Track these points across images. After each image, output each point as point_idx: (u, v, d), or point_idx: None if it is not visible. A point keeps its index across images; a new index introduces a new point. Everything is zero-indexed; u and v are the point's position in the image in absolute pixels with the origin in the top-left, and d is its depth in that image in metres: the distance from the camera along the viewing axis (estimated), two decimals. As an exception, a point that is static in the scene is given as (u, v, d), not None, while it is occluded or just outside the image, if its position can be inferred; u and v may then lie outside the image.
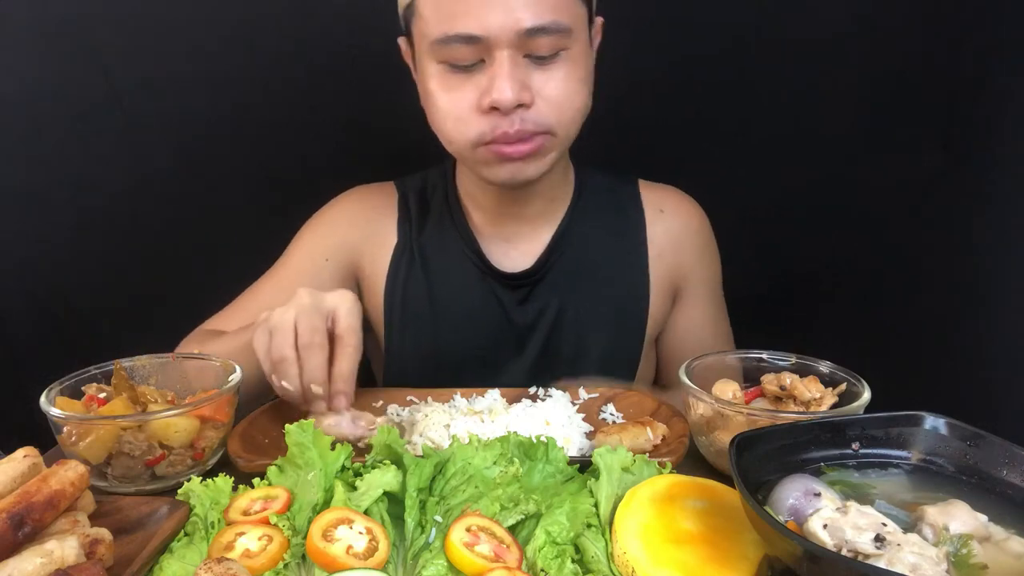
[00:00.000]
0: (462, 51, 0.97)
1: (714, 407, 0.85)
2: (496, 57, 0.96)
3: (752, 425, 0.82)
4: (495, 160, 1.04)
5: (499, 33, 0.95)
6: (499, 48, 0.96)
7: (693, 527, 0.68)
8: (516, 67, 0.97)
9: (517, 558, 0.67)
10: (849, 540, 0.57)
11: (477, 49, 0.97)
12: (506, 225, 1.22)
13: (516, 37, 0.95)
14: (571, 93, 1.02)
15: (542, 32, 0.96)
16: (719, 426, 0.85)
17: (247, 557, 0.67)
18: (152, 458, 0.84)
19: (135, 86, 1.61)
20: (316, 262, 1.23)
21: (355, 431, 0.90)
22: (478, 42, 0.96)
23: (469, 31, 0.95)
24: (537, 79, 0.99)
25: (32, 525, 0.65)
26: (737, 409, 0.83)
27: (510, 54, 0.96)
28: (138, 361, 0.98)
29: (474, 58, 0.98)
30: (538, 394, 1.06)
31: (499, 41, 0.95)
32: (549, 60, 0.99)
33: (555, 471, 0.79)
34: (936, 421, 0.70)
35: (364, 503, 0.72)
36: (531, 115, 1.00)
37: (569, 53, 1.00)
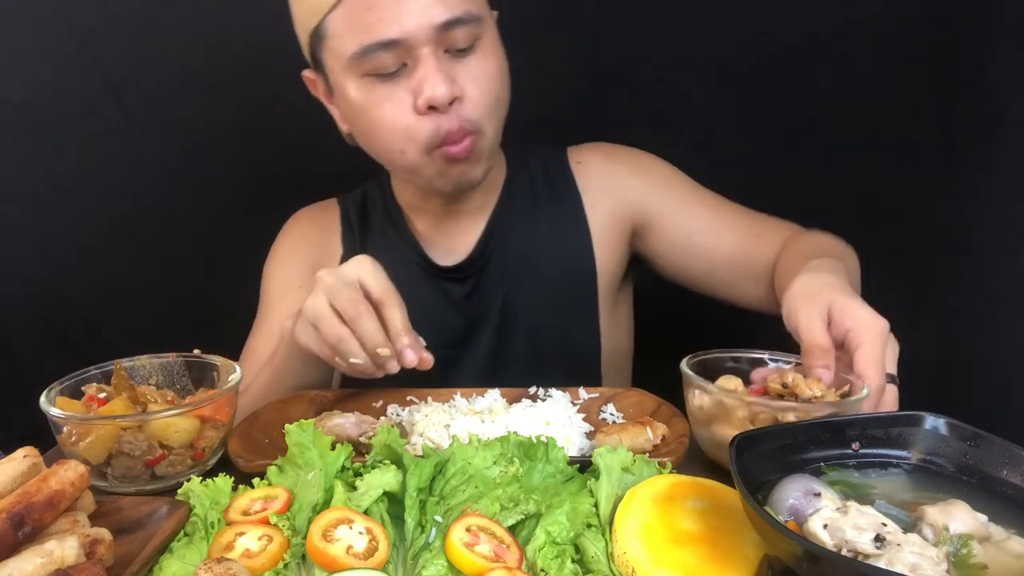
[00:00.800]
0: (384, 58, 0.98)
1: (715, 396, 0.85)
2: (419, 57, 0.98)
3: (754, 419, 0.82)
4: (444, 166, 1.05)
5: (417, 32, 0.96)
6: (420, 47, 0.97)
7: (693, 527, 0.68)
8: (441, 62, 0.99)
9: (517, 558, 0.67)
10: (849, 540, 0.57)
11: (398, 53, 0.98)
12: (446, 223, 1.23)
13: (434, 33, 0.97)
14: (493, 82, 1.04)
15: (457, 23, 0.98)
16: (719, 418, 0.85)
17: (247, 557, 0.66)
18: (152, 458, 0.84)
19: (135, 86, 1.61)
20: (292, 293, 1.24)
21: (357, 431, 0.91)
22: (398, 46, 0.97)
23: (387, 36, 0.96)
24: (460, 74, 1.01)
25: (32, 525, 0.65)
26: (739, 398, 0.83)
27: (432, 50, 0.98)
28: (138, 361, 0.98)
29: (397, 63, 0.99)
30: (538, 394, 1.06)
31: (418, 40, 0.96)
32: (468, 52, 1.01)
33: (555, 471, 0.79)
34: (936, 421, 0.70)
35: (364, 503, 0.72)
36: (463, 111, 1.01)
37: (484, 43, 1.02)
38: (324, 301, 0.91)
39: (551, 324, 1.22)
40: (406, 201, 1.26)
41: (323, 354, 0.93)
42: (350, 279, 0.92)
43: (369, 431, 0.91)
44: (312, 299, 0.92)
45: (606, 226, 1.24)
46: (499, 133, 1.10)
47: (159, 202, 1.67)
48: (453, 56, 1.00)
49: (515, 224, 1.23)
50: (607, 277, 1.25)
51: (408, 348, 0.91)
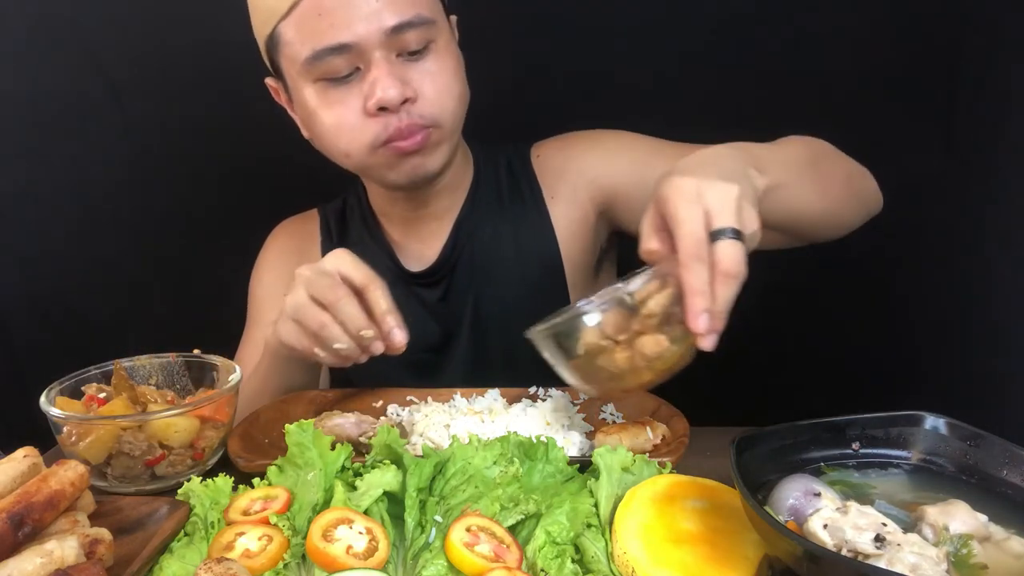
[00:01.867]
0: (336, 63, 0.99)
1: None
2: (371, 60, 0.98)
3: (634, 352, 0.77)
4: (394, 159, 1.05)
5: (367, 36, 0.97)
6: (371, 51, 0.98)
7: (693, 527, 0.68)
8: (393, 65, 0.99)
9: (517, 558, 0.67)
10: (849, 540, 0.57)
11: (350, 58, 0.98)
12: (417, 227, 1.23)
13: (384, 37, 0.97)
14: (448, 82, 1.04)
15: (408, 27, 0.98)
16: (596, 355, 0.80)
17: (247, 557, 0.67)
18: (152, 458, 0.84)
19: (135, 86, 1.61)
20: (275, 302, 1.21)
21: (357, 431, 0.91)
22: (349, 50, 0.97)
23: (339, 40, 0.97)
24: (414, 75, 1.01)
25: (32, 525, 0.65)
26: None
27: (383, 54, 0.98)
28: (138, 361, 0.98)
29: (349, 67, 0.99)
30: (538, 394, 1.06)
31: (369, 44, 0.97)
32: (421, 55, 1.02)
33: (555, 471, 0.79)
34: (936, 421, 0.70)
35: (364, 503, 0.72)
36: (416, 109, 1.02)
37: (437, 45, 1.03)
38: (303, 293, 0.91)
39: (522, 325, 1.20)
40: (378, 207, 1.26)
41: (304, 347, 0.92)
42: (329, 270, 0.92)
43: (369, 431, 0.91)
44: (291, 294, 0.92)
45: (569, 216, 1.23)
46: (458, 127, 1.10)
47: (159, 202, 1.67)
48: (406, 59, 1.01)
49: (480, 225, 1.23)
50: (576, 269, 1.24)
51: (395, 328, 0.91)
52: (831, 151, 1.05)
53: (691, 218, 0.72)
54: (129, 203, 1.67)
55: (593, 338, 0.78)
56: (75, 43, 1.57)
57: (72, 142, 1.62)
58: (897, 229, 1.58)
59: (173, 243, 1.69)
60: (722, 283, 0.72)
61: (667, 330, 0.75)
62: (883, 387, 1.54)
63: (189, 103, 1.62)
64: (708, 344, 0.73)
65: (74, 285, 1.70)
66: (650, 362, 0.77)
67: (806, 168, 0.97)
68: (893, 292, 1.60)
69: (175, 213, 1.68)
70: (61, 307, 1.72)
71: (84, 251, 1.69)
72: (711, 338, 0.73)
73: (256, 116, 1.63)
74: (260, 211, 1.37)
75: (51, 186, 1.65)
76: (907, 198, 1.59)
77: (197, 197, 1.66)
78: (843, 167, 1.06)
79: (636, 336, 0.76)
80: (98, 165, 1.65)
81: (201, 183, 1.67)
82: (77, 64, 1.58)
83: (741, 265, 0.72)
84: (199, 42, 1.59)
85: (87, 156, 1.64)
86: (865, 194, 1.08)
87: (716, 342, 0.74)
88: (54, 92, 1.59)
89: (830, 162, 1.04)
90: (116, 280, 1.70)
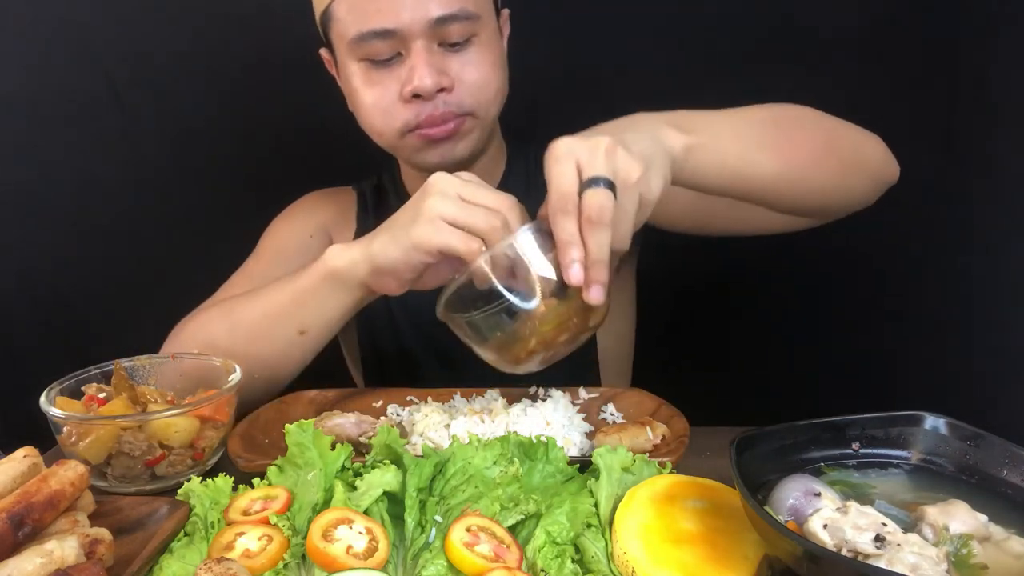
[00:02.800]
0: (378, 46, 1.02)
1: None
2: (412, 48, 1.02)
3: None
4: (423, 145, 1.08)
5: (411, 25, 1.00)
6: (413, 39, 1.01)
7: (693, 527, 0.68)
8: (432, 55, 1.02)
9: (517, 558, 0.67)
10: (849, 540, 0.57)
11: (393, 43, 1.02)
12: None
13: (427, 27, 1.00)
14: (486, 76, 1.07)
15: (452, 20, 1.01)
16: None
17: (247, 557, 0.67)
18: (152, 458, 0.84)
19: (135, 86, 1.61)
20: (302, 239, 1.26)
21: (357, 431, 0.91)
22: (393, 36, 1.01)
23: (383, 26, 1.00)
24: (453, 65, 1.04)
25: (32, 525, 0.65)
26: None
27: (424, 43, 1.01)
28: (138, 361, 0.98)
29: (391, 52, 1.03)
30: (538, 394, 1.06)
31: (412, 32, 1.00)
32: (462, 46, 1.04)
33: (555, 471, 0.79)
34: (936, 421, 0.70)
35: (364, 503, 0.72)
36: (452, 99, 1.05)
37: (479, 39, 1.06)
38: (453, 196, 0.85)
39: None
40: (412, 187, 1.27)
41: (448, 244, 0.82)
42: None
43: (369, 431, 0.91)
44: (435, 198, 0.85)
45: None
46: (493, 118, 1.12)
47: (159, 202, 1.67)
48: (447, 50, 1.04)
49: None
50: None
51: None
52: (808, 115, 1.00)
53: (559, 174, 0.74)
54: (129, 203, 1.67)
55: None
56: (75, 43, 1.57)
57: (72, 142, 1.62)
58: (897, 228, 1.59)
59: (173, 243, 1.69)
60: (589, 231, 0.73)
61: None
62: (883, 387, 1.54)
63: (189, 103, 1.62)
64: (595, 296, 0.74)
65: (74, 286, 1.70)
66: (539, 325, 0.78)
67: (760, 128, 0.94)
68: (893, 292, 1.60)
69: (175, 213, 1.68)
70: (61, 308, 1.72)
71: (84, 251, 1.68)
72: (595, 289, 0.74)
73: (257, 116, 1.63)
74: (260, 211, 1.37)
75: (51, 186, 1.65)
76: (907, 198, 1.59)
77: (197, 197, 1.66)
78: (822, 130, 1.00)
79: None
80: (98, 165, 1.65)
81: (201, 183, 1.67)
82: (77, 64, 1.58)
83: (606, 211, 0.72)
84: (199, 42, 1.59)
85: (87, 156, 1.64)
86: (860, 159, 1.02)
87: (603, 294, 0.75)
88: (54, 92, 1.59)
89: (798, 124, 0.99)
90: (116, 280, 1.69)
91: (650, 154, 0.77)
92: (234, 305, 1.08)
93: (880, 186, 1.04)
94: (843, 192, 1.02)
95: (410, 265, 0.88)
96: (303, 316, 1.01)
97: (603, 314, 0.81)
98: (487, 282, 0.78)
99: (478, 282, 0.79)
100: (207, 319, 1.10)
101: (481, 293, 0.79)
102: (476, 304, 0.80)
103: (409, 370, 1.25)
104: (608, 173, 0.73)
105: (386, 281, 0.92)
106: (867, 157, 1.02)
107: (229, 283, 1.25)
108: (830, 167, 0.98)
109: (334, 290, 0.98)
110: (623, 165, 0.74)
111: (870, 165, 1.02)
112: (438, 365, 1.24)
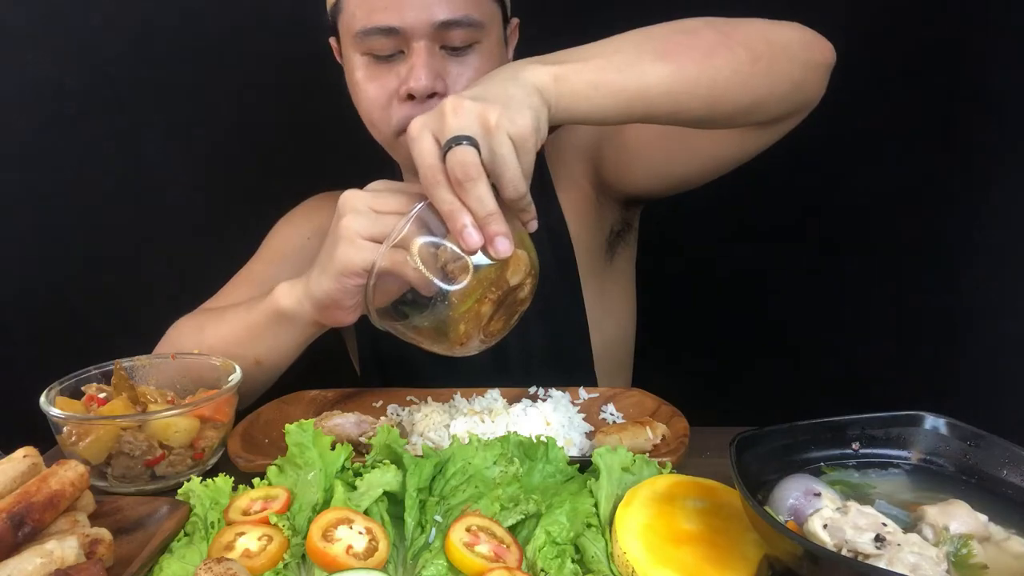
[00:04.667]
0: (381, 42, 1.03)
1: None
2: (414, 48, 1.02)
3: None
4: None
5: (415, 25, 1.01)
6: (415, 39, 1.02)
7: (693, 527, 0.68)
8: (432, 57, 1.03)
9: (517, 558, 0.67)
10: (849, 540, 0.57)
11: (396, 40, 1.03)
12: None
13: (431, 29, 1.01)
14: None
15: (455, 25, 1.01)
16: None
17: (247, 557, 0.66)
18: (152, 458, 0.84)
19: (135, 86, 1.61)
20: (300, 241, 1.26)
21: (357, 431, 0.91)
22: (396, 34, 1.02)
23: (388, 23, 1.01)
24: (452, 70, 1.05)
25: (32, 525, 0.65)
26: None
27: (426, 45, 1.02)
28: (138, 361, 0.98)
29: (393, 49, 1.04)
30: (538, 394, 1.06)
31: (415, 32, 1.01)
32: (463, 52, 1.05)
33: (555, 471, 0.79)
34: (936, 421, 0.70)
35: (364, 503, 0.72)
36: None
37: (482, 46, 1.06)
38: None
39: (533, 310, 1.19)
40: None
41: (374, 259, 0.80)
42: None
43: (369, 431, 0.91)
44: (376, 184, 0.88)
45: (572, 198, 1.24)
46: None
47: (159, 202, 1.67)
48: (448, 53, 1.04)
49: None
50: (586, 251, 1.24)
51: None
52: (702, 19, 0.91)
53: (418, 152, 0.75)
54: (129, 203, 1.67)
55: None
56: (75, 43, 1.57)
57: (72, 142, 1.62)
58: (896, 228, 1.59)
59: (173, 243, 1.69)
60: (463, 192, 0.73)
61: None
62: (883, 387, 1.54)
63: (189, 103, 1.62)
64: (501, 249, 0.74)
65: (74, 285, 1.70)
66: (458, 304, 0.76)
67: (642, 38, 0.88)
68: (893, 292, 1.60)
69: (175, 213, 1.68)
70: (61, 308, 1.72)
71: (84, 251, 1.69)
72: (499, 241, 0.73)
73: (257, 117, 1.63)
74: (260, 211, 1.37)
75: (51, 186, 1.65)
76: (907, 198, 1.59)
77: (197, 197, 1.67)
78: (714, 28, 0.90)
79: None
80: (98, 165, 1.65)
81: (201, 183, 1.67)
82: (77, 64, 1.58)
83: (469, 166, 0.72)
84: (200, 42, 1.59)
85: (87, 156, 1.64)
86: (774, 45, 0.92)
87: (508, 245, 0.74)
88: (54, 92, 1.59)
89: (690, 28, 0.90)
90: (116, 280, 1.70)
91: (508, 93, 0.77)
92: (205, 322, 1.10)
93: (817, 70, 0.97)
94: (768, 85, 0.92)
95: (346, 291, 0.87)
96: (257, 348, 1.02)
97: (525, 271, 0.78)
98: (399, 279, 0.78)
99: (396, 283, 0.79)
100: (185, 330, 1.12)
101: (411, 293, 0.79)
102: (408, 304, 0.80)
103: (410, 369, 1.25)
104: (460, 130, 0.73)
105: (333, 314, 0.92)
106: (783, 41, 0.93)
107: (231, 283, 1.25)
108: (737, 60, 0.88)
109: (284, 328, 0.99)
110: (474, 115, 0.73)
111: (790, 49, 0.93)
112: (438, 364, 1.23)
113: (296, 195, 1.36)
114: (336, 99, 1.32)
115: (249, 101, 1.63)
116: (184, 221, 1.68)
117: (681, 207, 1.38)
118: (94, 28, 1.57)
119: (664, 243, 1.38)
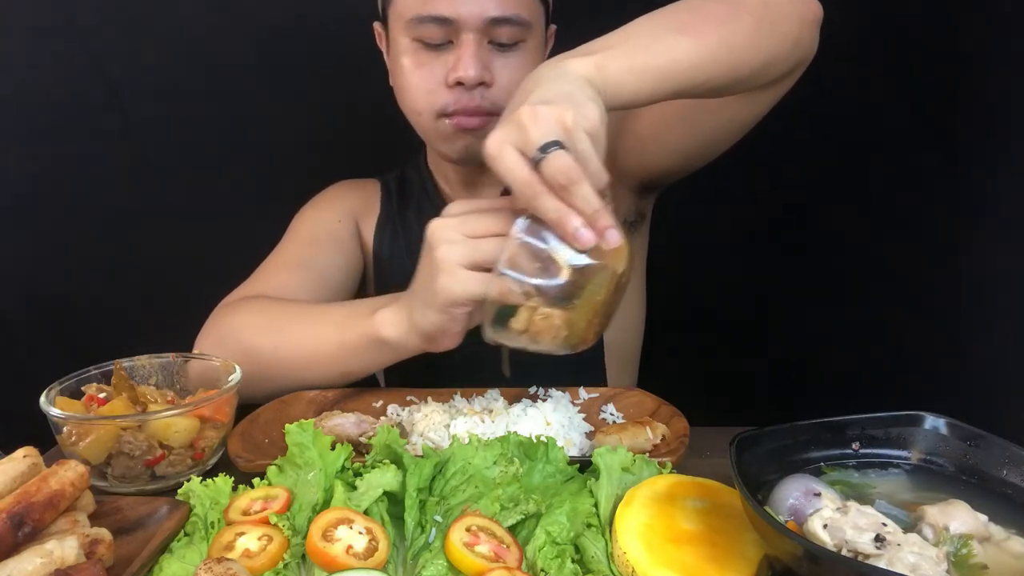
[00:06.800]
0: (433, 31, 1.07)
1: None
2: (463, 39, 1.07)
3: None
4: (453, 133, 1.12)
5: (468, 18, 1.05)
6: (466, 31, 1.06)
7: (693, 527, 0.68)
8: (480, 49, 1.07)
9: (517, 558, 0.67)
10: (849, 540, 0.57)
11: (447, 30, 1.07)
12: (477, 195, 1.26)
13: (482, 23, 1.06)
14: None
15: (505, 22, 1.06)
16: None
17: (247, 557, 0.66)
18: (152, 458, 0.84)
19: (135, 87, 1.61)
20: (331, 225, 1.30)
21: (357, 431, 0.91)
22: (448, 24, 1.06)
23: (442, 13, 1.05)
24: (497, 64, 1.09)
25: (32, 525, 0.65)
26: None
27: (476, 37, 1.06)
28: (138, 361, 0.98)
29: (443, 38, 1.08)
30: (538, 394, 1.06)
31: (467, 25, 1.05)
32: (509, 49, 1.09)
33: (555, 471, 0.79)
34: (936, 421, 0.70)
35: (364, 503, 0.72)
36: (489, 95, 1.09)
37: (527, 45, 1.11)
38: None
39: None
40: (440, 172, 1.31)
41: (481, 291, 0.81)
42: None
43: (369, 431, 0.91)
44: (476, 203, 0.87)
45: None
46: None
47: (159, 202, 1.67)
48: (495, 48, 1.09)
49: None
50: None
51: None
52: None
53: (506, 169, 0.75)
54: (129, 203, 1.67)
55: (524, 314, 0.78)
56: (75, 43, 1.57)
57: (72, 142, 1.62)
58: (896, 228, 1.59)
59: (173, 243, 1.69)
60: (570, 194, 0.73)
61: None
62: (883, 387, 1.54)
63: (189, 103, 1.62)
64: (612, 239, 0.74)
65: (74, 285, 1.70)
66: (587, 296, 0.77)
67: (659, 18, 0.91)
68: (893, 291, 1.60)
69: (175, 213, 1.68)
70: (62, 307, 1.72)
71: (85, 251, 1.69)
72: (609, 234, 0.74)
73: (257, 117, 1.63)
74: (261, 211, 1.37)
75: (51, 187, 1.66)
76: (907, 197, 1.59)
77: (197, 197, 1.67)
78: (717, 2, 0.94)
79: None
80: (98, 165, 1.65)
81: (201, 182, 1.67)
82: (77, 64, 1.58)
83: (571, 169, 0.72)
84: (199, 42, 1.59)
85: (87, 156, 1.64)
86: (771, 6, 0.95)
87: (617, 234, 0.75)
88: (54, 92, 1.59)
89: (696, 2, 0.94)
90: (116, 280, 1.70)
91: (566, 91, 0.77)
92: (279, 322, 1.07)
93: (811, 26, 0.99)
94: (774, 45, 0.96)
95: (455, 320, 0.88)
96: (348, 364, 1.03)
97: (627, 255, 0.79)
98: (518, 293, 0.78)
99: (509, 300, 0.79)
100: (252, 327, 1.09)
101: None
102: (516, 311, 0.79)
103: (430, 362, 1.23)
104: (546, 137, 0.73)
105: (440, 342, 0.93)
106: (778, 2, 0.96)
107: (268, 267, 1.25)
108: (745, 24, 0.92)
109: (383, 352, 1.00)
110: (552, 120, 0.74)
111: (785, 8, 0.96)
112: (464, 363, 1.23)
113: (296, 196, 1.36)
114: (336, 99, 1.33)
115: (251, 101, 1.63)
116: (185, 221, 1.67)
117: (681, 207, 1.38)
118: (94, 29, 1.57)
119: (664, 243, 1.38)
